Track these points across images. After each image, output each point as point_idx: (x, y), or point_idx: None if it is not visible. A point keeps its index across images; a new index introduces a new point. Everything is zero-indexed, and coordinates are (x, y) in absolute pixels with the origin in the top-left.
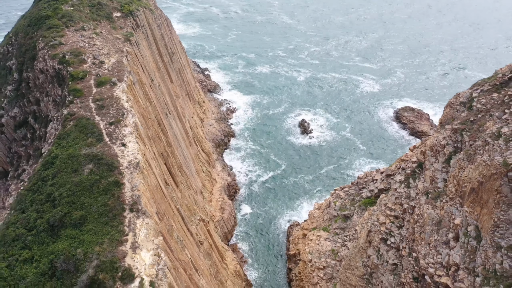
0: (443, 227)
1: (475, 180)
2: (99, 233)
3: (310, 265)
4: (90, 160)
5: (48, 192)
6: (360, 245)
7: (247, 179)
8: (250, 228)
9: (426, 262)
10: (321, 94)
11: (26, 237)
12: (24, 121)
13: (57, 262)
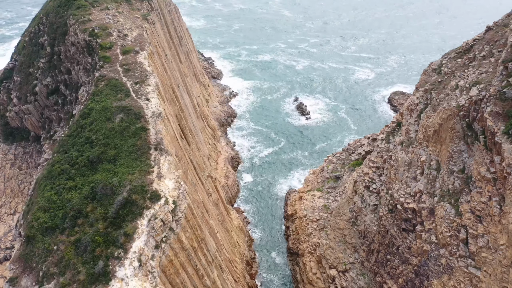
0: (413, 166)
1: (436, 123)
2: (130, 166)
3: (305, 220)
4: (121, 110)
5: (86, 136)
6: (348, 195)
7: (249, 153)
8: (251, 194)
9: (398, 195)
10: (319, 81)
11: (70, 171)
12: (56, 89)
13: (97, 188)
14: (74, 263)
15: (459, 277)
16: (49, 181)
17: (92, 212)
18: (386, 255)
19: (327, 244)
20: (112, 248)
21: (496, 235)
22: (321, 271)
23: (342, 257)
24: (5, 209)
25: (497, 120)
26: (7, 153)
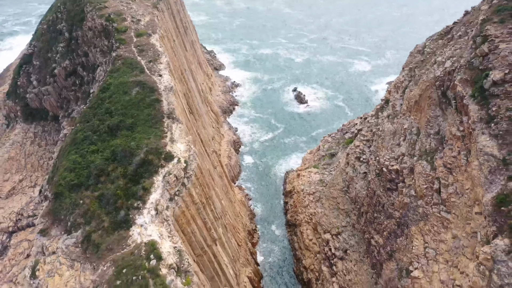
0: (397, 134)
1: (417, 94)
2: (146, 133)
3: (302, 194)
4: (137, 85)
5: (106, 107)
6: (341, 167)
7: (250, 138)
8: (252, 174)
9: (384, 159)
10: (317, 72)
11: (92, 137)
12: (74, 70)
13: (117, 151)
14: (98, 213)
15: (433, 222)
16: (73, 147)
17: (113, 171)
18: (374, 214)
19: (322, 212)
20: (132, 200)
21: (463, 182)
22: (316, 237)
23: (335, 222)
24: (26, 182)
25: (466, 86)
26: (27, 131)
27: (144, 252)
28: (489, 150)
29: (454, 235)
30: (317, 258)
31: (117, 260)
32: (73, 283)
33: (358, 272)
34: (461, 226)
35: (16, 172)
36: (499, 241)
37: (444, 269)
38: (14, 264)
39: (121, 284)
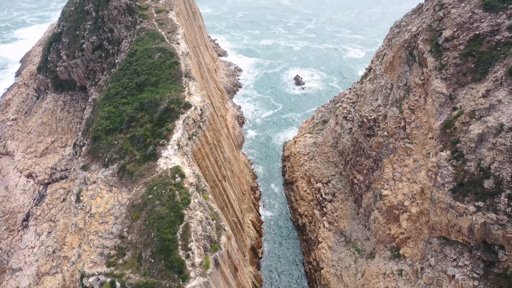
0: (376, 91)
1: (391, 56)
2: (168, 88)
3: (298, 155)
4: (159, 50)
5: (134, 69)
6: (331, 128)
7: (252, 115)
8: (254, 144)
9: (365, 112)
10: (314, 59)
11: (123, 92)
12: (100, 45)
13: (144, 102)
14: (131, 150)
15: (399, 152)
16: (107, 101)
17: (141, 118)
18: (356, 158)
19: (314, 166)
20: (158, 139)
21: (421, 117)
22: (310, 188)
23: (325, 173)
24: (57, 143)
25: (426, 44)
26: (57, 100)
27: (170, 174)
28: (439, 90)
29: (415, 159)
30: (310, 205)
31: (148, 182)
32: (113, 201)
33: (343, 208)
34: (419, 151)
35: (49, 134)
36: (443, 153)
37: (406, 185)
38: (52, 207)
39: (153, 198)
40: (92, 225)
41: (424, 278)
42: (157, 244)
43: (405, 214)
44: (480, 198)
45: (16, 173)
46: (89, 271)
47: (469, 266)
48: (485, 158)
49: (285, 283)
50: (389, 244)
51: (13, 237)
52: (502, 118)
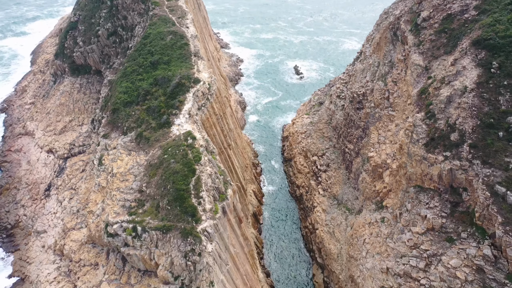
0: (365, 70)
1: (378, 37)
2: (179, 66)
3: (295, 134)
4: (170, 33)
5: (148, 49)
6: (326, 106)
7: (253, 101)
8: (256, 126)
9: (355, 88)
10: (313, 51)
11: (139, 70)
12: (114, 31)
13: (158, 78)
14: (147, 119)
15: (384, 120)
16: (124, 78)
17: (156, 92)
18: (347, 130)
19: (311, 141)
20: (171, 109)
21: (402, 87)
22: (306, 161)
23: (320, 147)
24: (74, 122)
25: (407, 25)
26: (74, 83)
27: (183, 137)
28: (417, 62)
29: (396, 124)
30: (307, 177)
31: (163, 145)
32: (132, 163)
33: (336, 176)
34: (400, 116)
35: (66, 114)
36: (418, 114)
37: (389, 146)
38: (72, 177)
39: (168, 157)
40: (114, 183)
41: (402, 221)
42: (172, 194)
43: (387, 171)
44: (447, 149)
45: (37, 149)
46: (113, 219)
47: (439, 207)
48: (452, 115)
49: (284, 244)
50: (374, 199)
51: (36, 205)
52: (465, 81)
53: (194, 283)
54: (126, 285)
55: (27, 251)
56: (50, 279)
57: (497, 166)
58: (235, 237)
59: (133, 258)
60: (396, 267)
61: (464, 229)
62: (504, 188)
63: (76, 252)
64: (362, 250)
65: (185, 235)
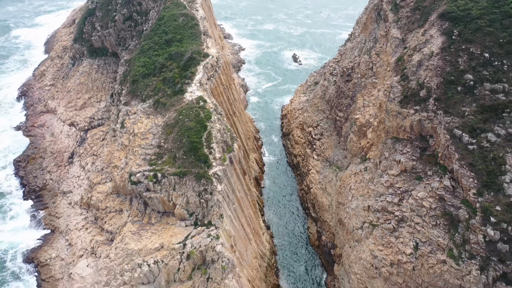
0: (354, 48)
1: (365, 18)
2: (190, 43)
3: (293, 111)
4: (182, 15)
5: (162, 29)
6: (321, 83)
7: (254, 85)
8: (257, 107)
9: (345, 64)
10: (311, 41)
11: (155, 47)
12: (130, 16)
13: (172, 53)
14: (163, 88)
15: (368, 87)
16: (142, 54)
17: (170, 65)
18: (338, 100)
19: (307, 115)
20: (184, 79)
21: (383, 58)
22: (303, 133)
23: (315, 119)
24: (93, 99)
25: (389, 5)
26: (92, 64)
27: (195, 101)
28: (395, 35)
29: (378, 89)
30: (303, 146)
31: (178, 108)
32: (151, 124)
33: (328, 141)
34: (381, 82)
35: (86, 92)
36: (395, 78)
37: (372, 108)
38: (93, 145)
39: (182, 117)
40: (136, 141)
41: (381, 167)
42: (187, 146)
43: (370, 128)
44: (417, 104)
45: (60, 123)
46: (136, 170)
47: (410, 153)
48: (421, 76)
49: (282, 204)
50: (359, 155)
51: (61, 171)
52: (432, 48)
53: (207, 217)
54: (148, 224)
55: (55, 208)
56: (79, 227)
57: (455, 114)
58: (240, 185)
59: (154, 201)
60: (376, 204)
61: (430, 168)
62: (461, 131)
63: (103, 201)
64: (348, 196)
65: (199, 178)
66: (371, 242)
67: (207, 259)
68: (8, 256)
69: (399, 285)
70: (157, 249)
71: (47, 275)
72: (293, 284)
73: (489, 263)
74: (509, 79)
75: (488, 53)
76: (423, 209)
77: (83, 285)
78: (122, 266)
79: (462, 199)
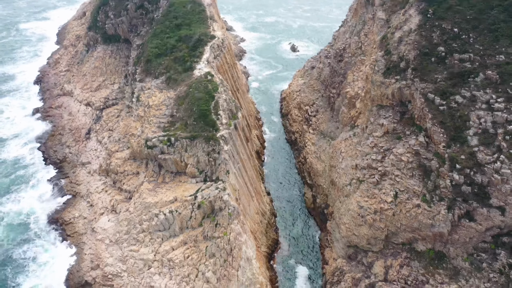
0: (346, 32)
1: (356, 4)
2: (198, 27)
3: (291, 93)
4: (190, 2)
5: (173, 15)
6: (317, 66)
7: (255, 72)
8: (257, 91)
9: (339, 45)
10: (309, 33)
11: (166, 30)
12: (141, 5)
13: (182, 36)
14: (174, 66)
15: (357, 64)
16: (154, 37)
17: (180, 46)
18: (331, 79)
19: (304, 95)
20: (193, 58)
21: (370, 37)
22: (300, 112)
23: (311, 98)
24: (107, 81)
25: None
26: (106, 50)
27: (203, 76)
28: (381, 17)
29: (366, 65)
30: (300, 124)
31: (188, 83)
32: (164, 97)
33: (323, 117)
34: (369, 59)
35: (100, 75)
36: (379, 53)
37: (360, 82)
38: (109, 122)
39: (192, 90)
40: (151, 112)
41: (367, 131)
42: (197, 113)
43: (358, 99)
44: (397, 74)
45: (77, 103)
46: (151, 136)
47: (392, 116)
48: (401, 50)
49: (282, 173)
50: (349, 124)
51: (79, 145)
52: (411, 25)
53: (215, 174)
54: (162, 183)
55: (75, 176)
56: (99, 190)
57: (429, 81)
58: (243, 149)
59: (168, 162)
60: (362, 162)
61: (408, 129)
62: (433, 95)
63: (121, 166)
64: (339, 158)
65: (208, 140)
66: (358, 195)
67: (215, 208)
68: (31, 219)
69: (381, 229)
70: (171, 201)
71: (72, 231)
72: (290, 240)
73: (455, 203)
74: (474, 50)
75: (457, 28)
76: (402, 163)
77: (105, 235)
78: (140, 217)
79: (434, 152)
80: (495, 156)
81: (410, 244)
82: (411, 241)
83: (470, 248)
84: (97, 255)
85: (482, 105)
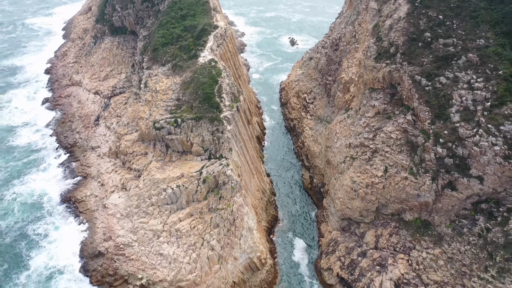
0: (341, 22)
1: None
2: (202, 17)
3: (290, 83)
4: None
5: (178, 6)
6: (314, 57)
7: (256, 64)
8: (258, 83)
9: (335, 35)
10: (308, 27)
11: (172, 20)
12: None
13: (187, 26)
14: (180, 54)
15: (351, 52)
16: (161, 27)
17: (185, 35)
18: (328, 67)
19: (302, 84)
20: (197, 47)
21: (364, 26)
22: (298, 100)
23: (309, 86)
24: (114, 71)
25: None
26: (113, 41)
27: (207, 62)
28: (373, 7)
29: (359, 52)
30: (298, 111)
31: (193, 69)
32: (170, 83)
33: (320, 103)
34: (362, 46)
35: (108, 65)
36: (371, 40)
37: (354, 68)
38: (117, 109)
39: (197, 75)
40: (158, 96)
41: (360, 112)
42: (202, 97)
43: (352, 84)
44: (388, 59)
45: (85, 92)
46: (159, 118)
47: (382, 98)
48: (391, 37)
49: (281, 157)
50: (344, 107)
51: (89, 131)
52: (400, 13)
53: (218, 152)
54: (169, 162)
55: (85, 159)
56: (109, 171)
57: (416, 64)
58: (245, 129)
59: (175, 142)
60: (355, 141)
61: (397, 109)
62: (420, 77)
63: (130, 147)
64: (334, 139)
65: (212, 120)
66: (351, 171)
67: (219, 182)
68: (44, 199)
69: (372, 202)
70: (178, 177)
71: (84, 208)
72: (289, 217)
73: (438, 175)
74: (457, 35)
75: (442, 15)
76: (391, 140)
77: (116, 210)
78: (149, 192)
79: (420, 129)
80: (475, 130)
81: (399, 215)
82: (400, 212)
83: (452, 216)
84: (109, 228)
85: (464, 85)
